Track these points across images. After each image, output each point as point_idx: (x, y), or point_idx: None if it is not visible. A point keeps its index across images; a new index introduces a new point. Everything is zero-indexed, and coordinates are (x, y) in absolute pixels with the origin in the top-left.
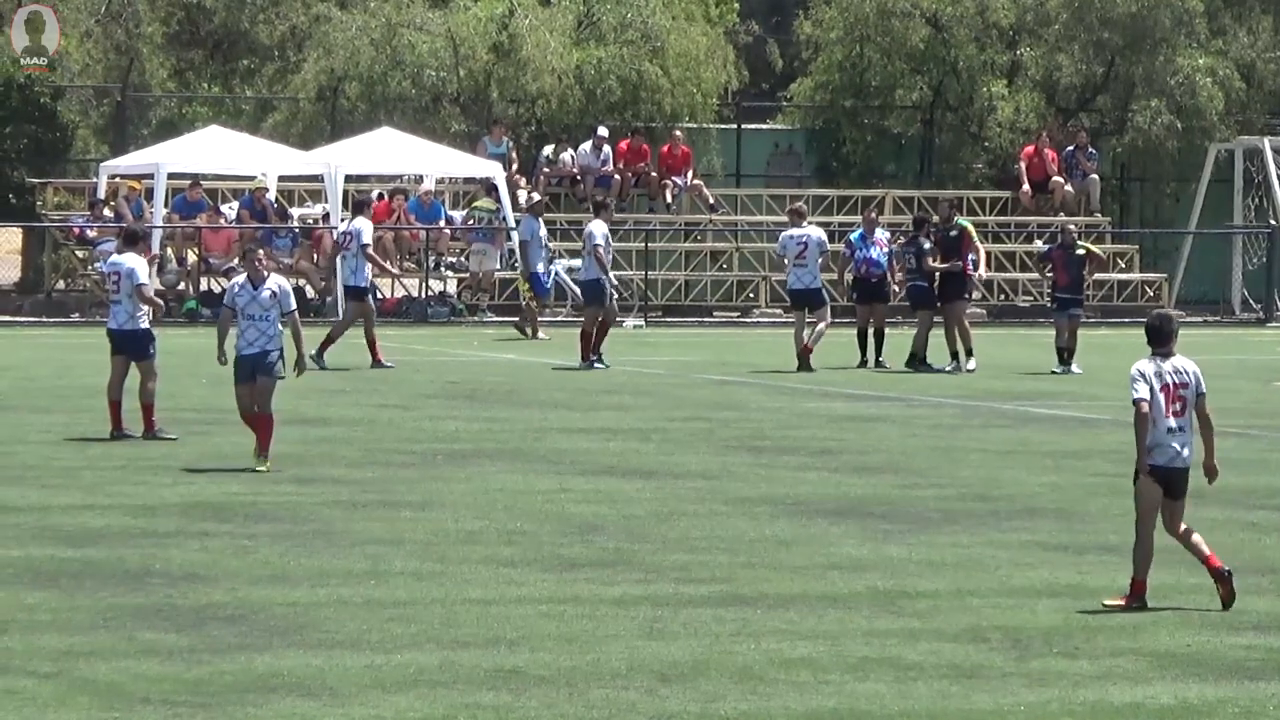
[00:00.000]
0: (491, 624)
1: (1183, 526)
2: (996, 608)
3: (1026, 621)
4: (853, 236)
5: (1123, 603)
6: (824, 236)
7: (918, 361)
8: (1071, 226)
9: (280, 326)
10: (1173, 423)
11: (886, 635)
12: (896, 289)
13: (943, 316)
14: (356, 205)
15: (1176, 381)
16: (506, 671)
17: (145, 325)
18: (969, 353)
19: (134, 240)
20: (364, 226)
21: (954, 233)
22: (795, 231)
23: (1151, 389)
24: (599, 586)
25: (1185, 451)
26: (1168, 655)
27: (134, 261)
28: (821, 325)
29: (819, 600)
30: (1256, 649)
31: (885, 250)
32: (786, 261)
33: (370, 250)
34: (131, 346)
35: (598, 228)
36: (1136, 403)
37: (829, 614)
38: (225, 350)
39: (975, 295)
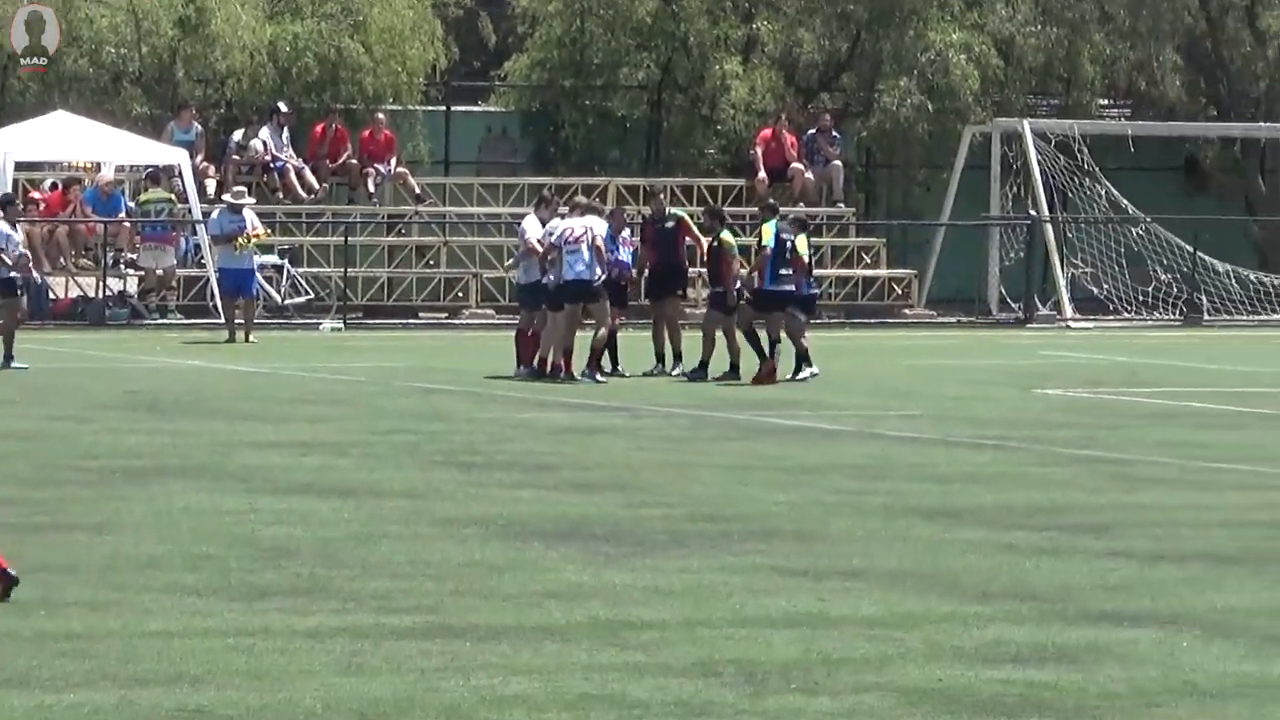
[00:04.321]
0: (174, 659)
1: None
2: (729, 639)
3: (762, 654)
4: None
5: None
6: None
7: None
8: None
9: None
10: None
11: (608, 670)
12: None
13: (654, 315)
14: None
15: None
16: (190, 711)
17: None
18: (678, 356)
19: None
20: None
21: (670, 224)
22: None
23: None
24: (292, 617)
25: None
26: (917, 691)
27: None
28: (603, 331)
29: (535, 631)
30: (1015, 683)
31: (632, 249)
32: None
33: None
34: None
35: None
36: None
37: (546, 647)
38: None
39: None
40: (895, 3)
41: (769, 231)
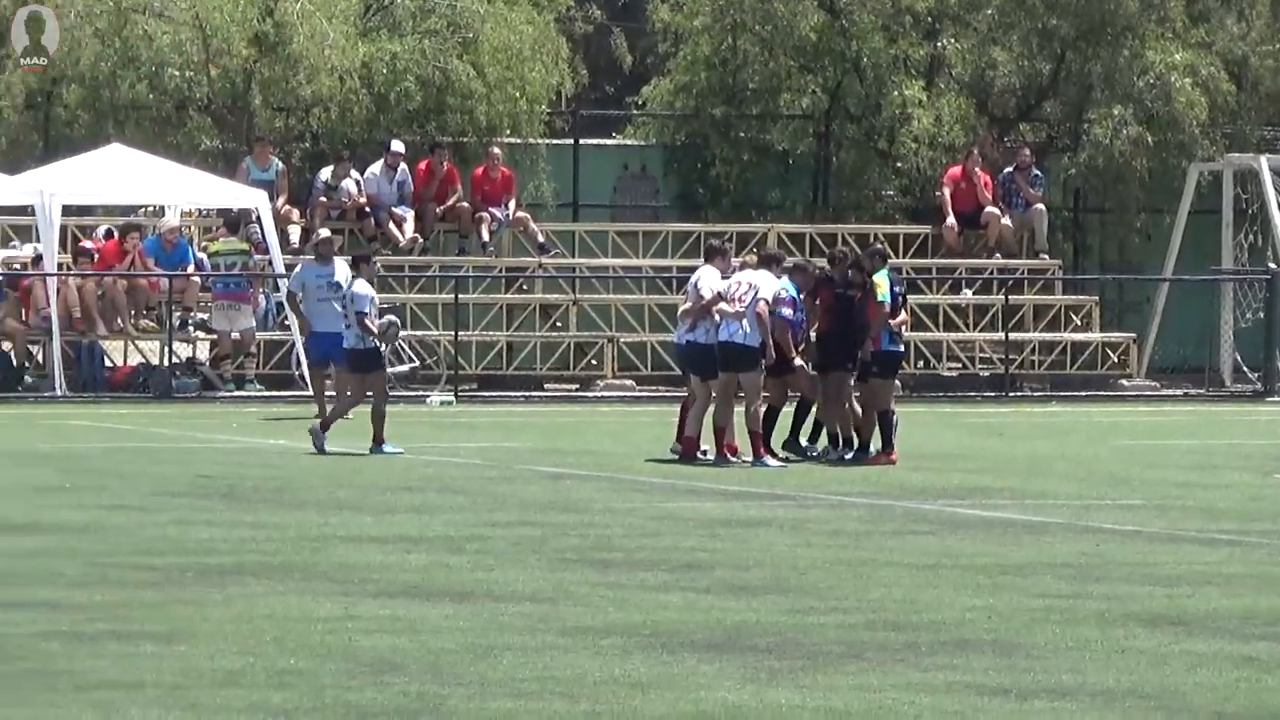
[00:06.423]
0: None
1: None
2: None
3: None
4: None
5: None
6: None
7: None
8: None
9: None
10: None
11: None
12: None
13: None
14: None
15: None
16: None
17: None
18: (848, 440)
19: None
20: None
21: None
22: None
23: None
24: None
25: None
26: None
27: None
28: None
29: None
30: None
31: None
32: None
33: None
34: None
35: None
36: None
37: None
38: None
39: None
40: (1107, 17)
41: (884, 284)
